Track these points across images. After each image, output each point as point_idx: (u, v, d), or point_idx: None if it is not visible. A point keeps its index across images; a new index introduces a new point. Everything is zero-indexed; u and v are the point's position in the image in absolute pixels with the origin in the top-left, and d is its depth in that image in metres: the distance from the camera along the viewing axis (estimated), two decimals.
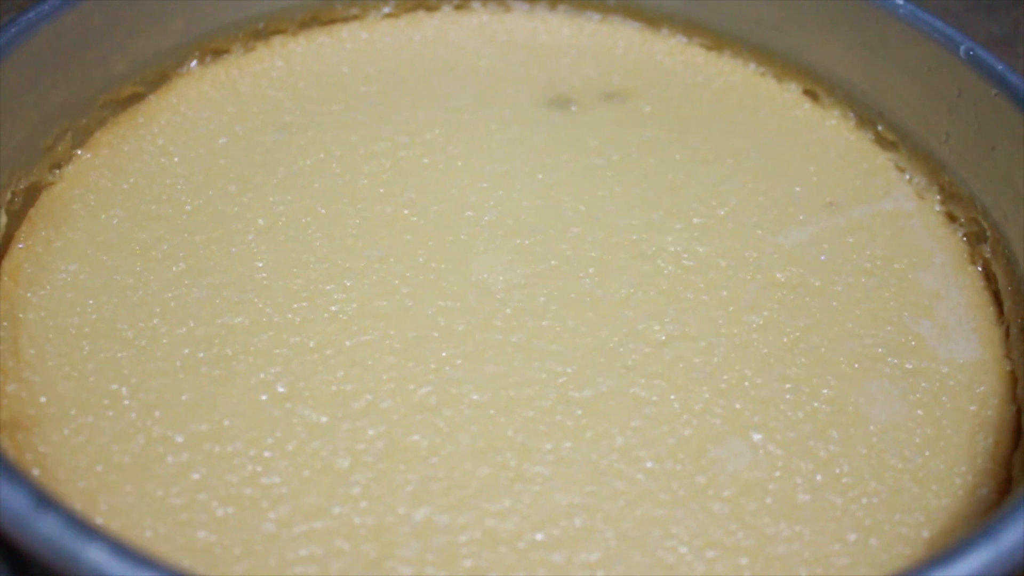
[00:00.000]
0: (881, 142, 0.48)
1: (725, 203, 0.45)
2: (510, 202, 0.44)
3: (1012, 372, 0.39)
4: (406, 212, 0.43)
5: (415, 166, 0.45)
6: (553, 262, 0.41)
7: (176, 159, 0.45)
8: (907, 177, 0.47)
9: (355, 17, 0.53)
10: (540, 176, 0.46)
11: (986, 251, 0.43)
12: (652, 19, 0.54)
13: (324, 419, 0.35)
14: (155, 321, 0.38)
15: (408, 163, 0.46)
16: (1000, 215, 0.42)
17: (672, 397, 0.37)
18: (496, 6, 0.55)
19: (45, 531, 0.25)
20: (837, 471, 0.35)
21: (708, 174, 0.47)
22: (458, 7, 0.55)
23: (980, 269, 0.43)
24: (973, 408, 0.38)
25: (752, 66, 0.53)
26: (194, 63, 0.49)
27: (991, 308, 0.42)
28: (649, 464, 0.35)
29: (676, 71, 0.53)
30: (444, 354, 0.37)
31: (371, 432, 0.35)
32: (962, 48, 0.43)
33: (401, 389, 0.36)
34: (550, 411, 0.36)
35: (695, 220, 0.44)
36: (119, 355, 0.37)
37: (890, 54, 0.47)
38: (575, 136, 0.48)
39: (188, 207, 0.42)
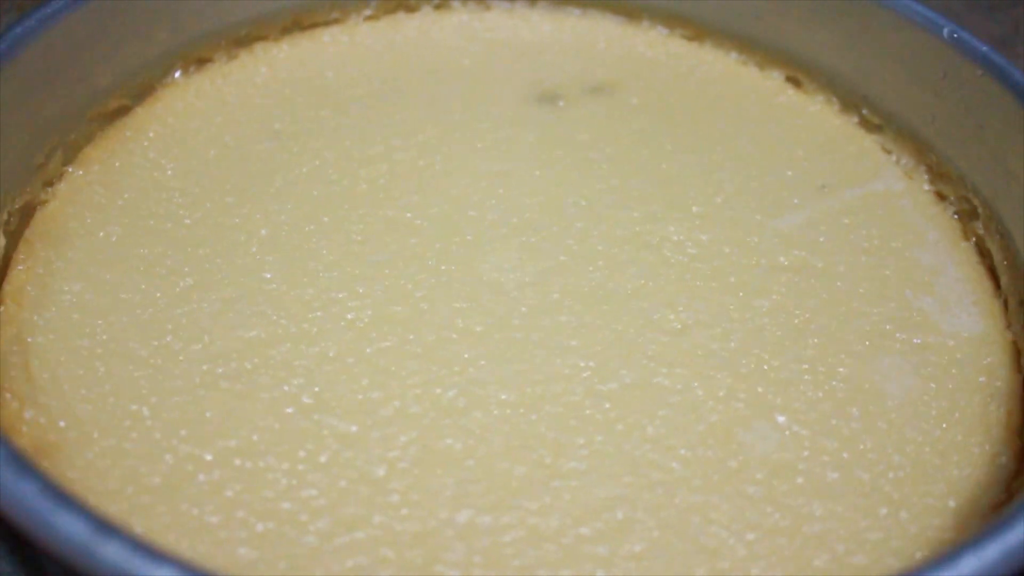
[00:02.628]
0: (866, 125, 0.49)
1: (721, 190, 0.46)
2: (511, 200, 0.44)
3: (1015, 342, 0.40)
4: (409, 215, 0.43)
5: (412, 169, 0.45)
6: (561, 257, 0.42)
7: (169, 172, 0.44)
8: (894, 158, 0.48)
9: (336, 21, 0.53)
10: (537, 173, 0.46)
11: (979, 228, 0.44)
12: (632, 12, 0.54)
13: (354, 428, 0.35)
14: (168, 338, 0.37)
15: (404, 166, 0.45)
16: (991, 193, 0.43)
17: (695, 384, 0.37)
18: (476, 5, 0.55)
19: (110, 558, 0.24)
20: (861, 447, 0.36)
21: (701, 163, 0.47)
22: (438, 7, 0.54)
23: (974, 245, 0.44)
24: (983, 380, 0.39)
25: (734, 55, 0.53)
26: (178, 73, 0.48)
27: (988, 282, 0.43)
28: (682, 452, 0.35)
29: (659, 62, 0.53)
30: (466, 355, 0.37)
31: (403, 438, 0.34)
32: (945, 30, 0.44)
33: (428, 393, 0.36)
34: (579, 406, 0.36)
35: (694, 209, 0.44)
36: (136, 375, 0.36)
37: (872, 39, 0.48)
38: (566, 131, 0.48)
39: (187, 220, 0.42)
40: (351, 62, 0.51)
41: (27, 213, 0.40)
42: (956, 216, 0.45)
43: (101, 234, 0.41)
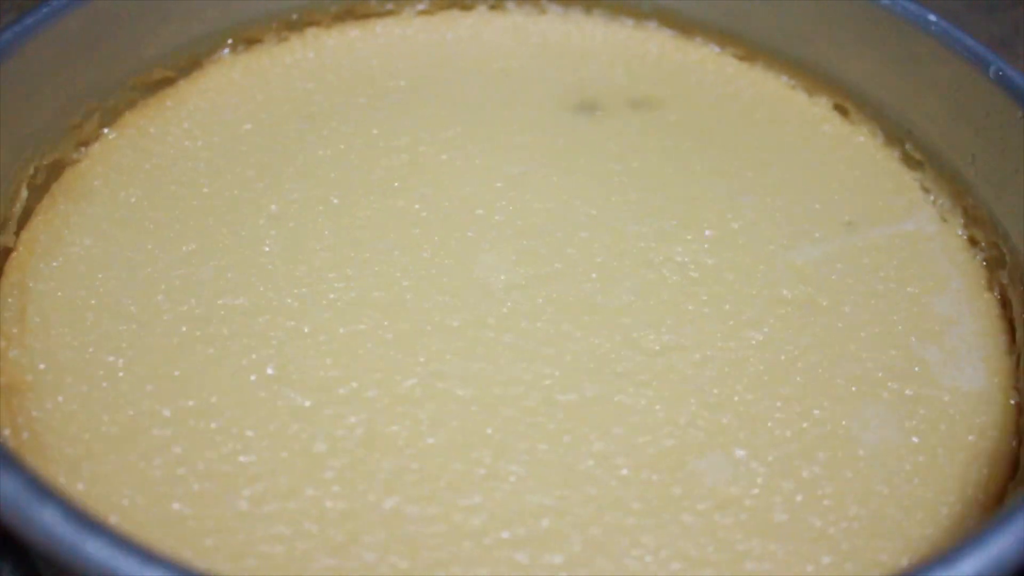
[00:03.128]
0: (908, 161, 0.47)
1: (740, 216, 0.44)
2: (522, 203, 0.44)
3: (1018, 404, 0.38)
4: (417, 207, 0.43)
5: (433, 162, 0.46)
6: (557, 265, 0.41)
7: (199, 143, 0.46)
8: (932, 199, 0.46)
9: (390, 13, 0.54)
10: (555, 179, 0.46)
11: (1003, 277, 0.41)
12: (686, 27, 0.53)
13: (308, 403, 0.36)
14: (159, 298, 0.39)
15: (426, 159, 0.46)
16: (1020, 240, 0.41)
17: (658, 407, 0.36)
18: (531, 8, 0.55)
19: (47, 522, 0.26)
20: (819, 493, 0.35)
21: (726, 186, 0.46)
22: (493, 7, 0.55)
23: (997, 295, 0.42)
24: (972, 438, 0.37)
25: (784, 78, 0.52)
26: (226, 51, 0.50)
27: (1004, 337, 0.40)
28: (624, 471, 0.34)
29: (706, 80, 0.52)
30: (434, 348, 0.38)
31: (352, 419, 0.35)
32: (992, 69, 0.42)
33: (387, 379, 0.36)
34: (531, 412, 0.36)
35: (707, 232, 0.44)
36: (120, 328, 0.38)
37: (920, 71, 0.46)
38: (596, 141, 0.48)
39: (205, 190, 0.43)
40: (398, 54, 0.52)
41: (56, 170, 0.43)
42: (984, 263, 0.43)
43: (122, 194, 0.43)
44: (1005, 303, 0.41)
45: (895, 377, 0.38)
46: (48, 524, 0.27)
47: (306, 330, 0.38)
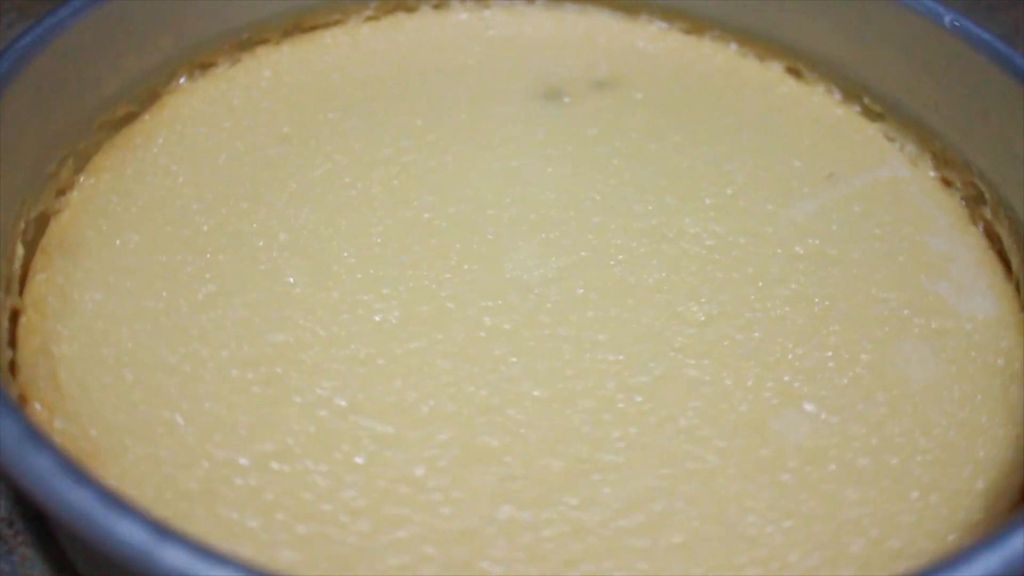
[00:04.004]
0: (868, 114, 0.50)
1: (731, 182, 0.46)
2: (527, 197, 0.44)
3: None
4: (427, 216, 0.43)
5: (424, 169, 0.45)
6: (582, 253, 0.42)
7: (181, 179, 0.43)
8: (898, 146, 0.49)
9: (337, 22, 0.52)
10: (550, 169, 0.46)
11: (986, 212, 0.45)
12: (631, 7, 0.54)
13: (391, 429, 0.35)
14: (195, 345, 0.37)
15: (417, 167, 0.45)
16: (998, 178, 0.44)
17: (724, 375, 0.37)
18: (474, 3, 0.55)
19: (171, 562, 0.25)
20: (889, 432, 0.36)
21: (709, 155, 0.47)
22: (436, 6, 0.54)
23: (982, 230, 0.45)
24: (1001, 362, 0.39)
25: (733, 47, 0.54)
26: (183, 79, 0.48)
27: (999, 266, 0.43)
28: (716, 442, 0.35)
29: (659, 57, 0.53)
30: (496, 353, 0.37)
31: (442, 437, 0.34)
32: (947, 20, 0.45)
33: (461, 392, 0.36)
34: (611, 399, 0.36)
35: (707, 201, 0.45)
36: (165, 382, 0.35)
37: (873, 30, 0.48)
38: (574, 127, 0.48)
39: (205, 227, 0.41)
40: (355, 64, 0.51)
41: (42, 223, 0.40)
42: (963, 202, 0.46)
43: (118, 242, 0.40)
44: (991, 236, 0.44)
45: (919, 313, 0.41)
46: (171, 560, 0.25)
47: (362, 356, 0.37)
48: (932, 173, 0.47)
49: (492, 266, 0.41)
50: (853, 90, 0.50)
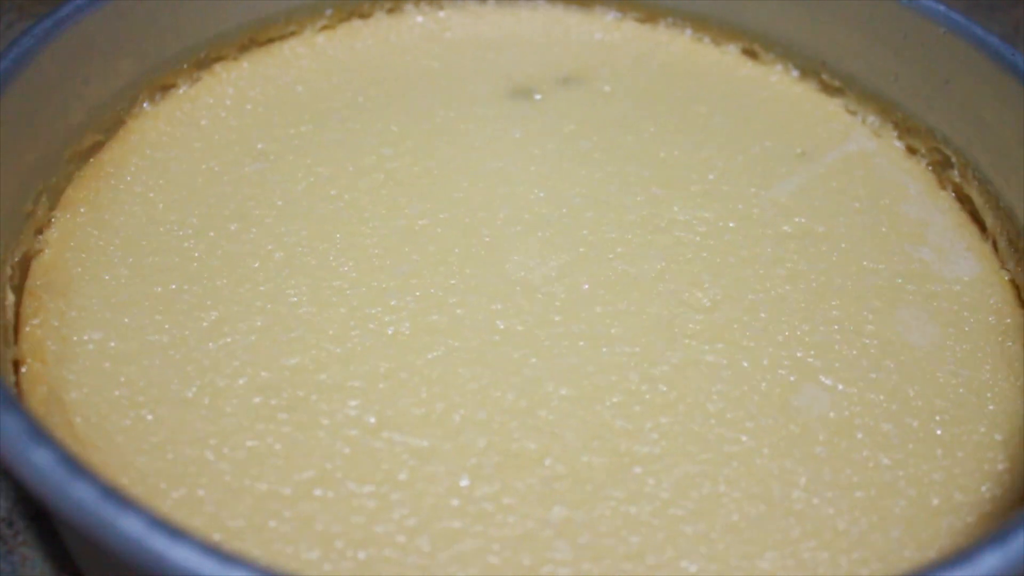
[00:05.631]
0: (827, 89, 0.51)
1: (712, 168, 0.47)
2: (516, 197, 0.44)
3: (1012, 281, 0.43)
4: (421, 223, 0.42)
5: (409, 176, 0.45)
6: (580, 249, 0.42)
7: (160, 206, 0.42)
8: (860, 119, 0.50)
9: (293, 33, 0.51)
10: (534, 168, 0.46)
11: (955, 176, 0.46)
12: (583, 0, 0.55)
13: (425, 443, 0.34)
14: (210, 376, 0.36)
15: (402, 174, 0.45)
16: (964, 142, 0.46)
17: (739, 357, 0.38)
18: (428, 6, 0.54)
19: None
20: (905, 397, 0.38)
21: (685, 144, 0.48)
22: (391, 11, 0.54)
23: (951, 193, 0.47)
24: (992, 319, 0.41)
25: (688, 32, 0.54)
26: (145, 104, 0.46)
27: (973, 227, 0.45)
28: (747, 424, 0.36)
29: (619, 47, 0.54)
30: (515, 356, 0.37)
31: (480, 444, 0.34)
32: None
33: (489, 398, 0.36)
34: (638, 392, 0.36)
35: (692, 188, 0.45)
36: (188, 418, 0.34)
37: (827, 7, 0.50)
38: (550, 124, 0.48)
39: (196, 253, 0.40)
40: (317, 74, 0.50)
41: (24, 265, 0.38)
42: (930, 168, 0.48)
43: (107, 277, 0.39)
44: (961, 199, 0.46)
45: (910, 279, 0.42)
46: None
47: (382, 371, 0.36)
48: (897, 143, 0.49)
49: (494, 269, 0.40)
50: (810, 67, 0.52)
